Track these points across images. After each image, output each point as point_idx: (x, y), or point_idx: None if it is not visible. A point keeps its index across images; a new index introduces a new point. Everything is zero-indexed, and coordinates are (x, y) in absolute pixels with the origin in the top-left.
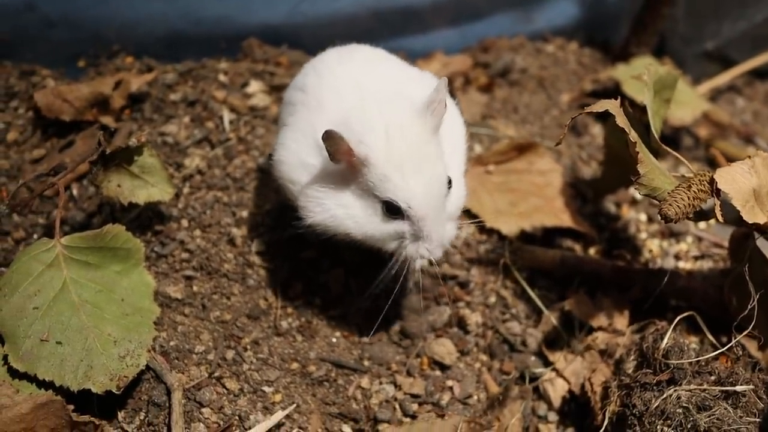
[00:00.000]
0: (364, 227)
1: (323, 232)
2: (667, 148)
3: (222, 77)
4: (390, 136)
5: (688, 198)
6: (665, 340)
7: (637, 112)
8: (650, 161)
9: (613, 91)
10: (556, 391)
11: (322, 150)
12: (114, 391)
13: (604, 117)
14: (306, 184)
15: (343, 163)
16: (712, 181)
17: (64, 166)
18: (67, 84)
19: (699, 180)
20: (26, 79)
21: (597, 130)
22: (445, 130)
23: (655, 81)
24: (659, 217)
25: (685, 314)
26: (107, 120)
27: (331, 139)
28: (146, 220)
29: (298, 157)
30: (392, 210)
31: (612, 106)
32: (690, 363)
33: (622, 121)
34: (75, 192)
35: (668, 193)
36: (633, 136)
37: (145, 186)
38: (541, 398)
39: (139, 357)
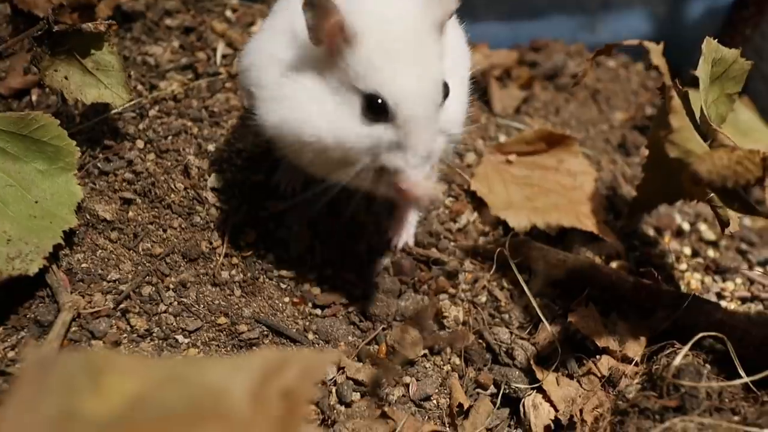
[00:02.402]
0: (337, 129)
1: (286, 138)
2: (719, 129)
3: (229, 13)
4: (387, 17)
5: (729, 161)
6: (678, 358)
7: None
8: (687, 119)
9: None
10: (539, 417)
11: (297, 38)
12: None
13: None
14: (272, 78)
15: (322, 45)
16: (766, 160)
17: (3, 39)
18: None
19: (749, 152)
20: None
21: None
22: (446, 41)
23: (715, 59)
24: (689, 180)
25: (712, 333)
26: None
27: (316, 7)
28: (98, 133)
29: (269, 54)
30: (375, 108)
31: (651, 45)
32: (708, 393)
33: (658, 60)
34: (34, 97)
35: (705, 151)
36: (669, 80)
37: (96, 85)
38: (520, 424)
39: (31, 263)
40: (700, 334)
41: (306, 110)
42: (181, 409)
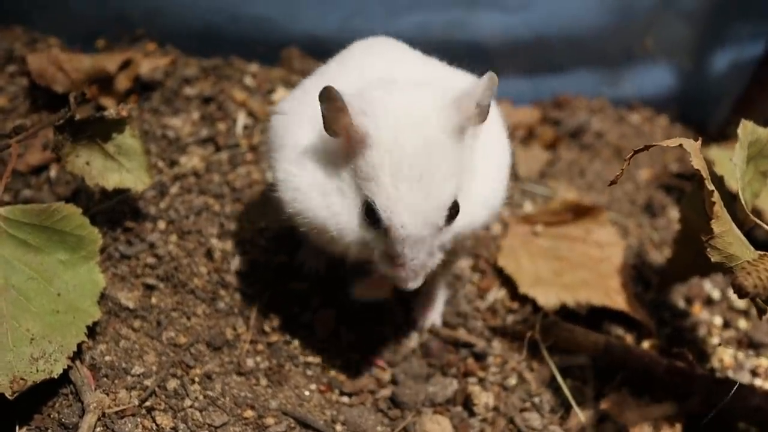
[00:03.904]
0: (339, 224)
1: (303, 226)
2: (758, 221)
3: (248, 80)
4: (400, 125)
5: None
6: None
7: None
8: (729, 222)
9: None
10: None
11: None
12: (7, 395)
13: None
14: (292, 164)
15: (339, 138)
16: None
17: (25, 127)
18: (68, 53)
19: None
20: (32, 47)
21: (676, 213)
22: (481, 142)
23: (750, 141)
24: (731, 290)
25: None
26: (107, 102)
27: (329, 100)
28: (119, 214)
29: (294, 139)
30: (370, 215)
31: (688, 143)
32: None
33: (698, 162)
34: (53, 174)
35: (747, 261)
36: (710, 185)
37: (118, 170)
38: None
39: (55, 363)
40: None
41: (315, 203)
42: None
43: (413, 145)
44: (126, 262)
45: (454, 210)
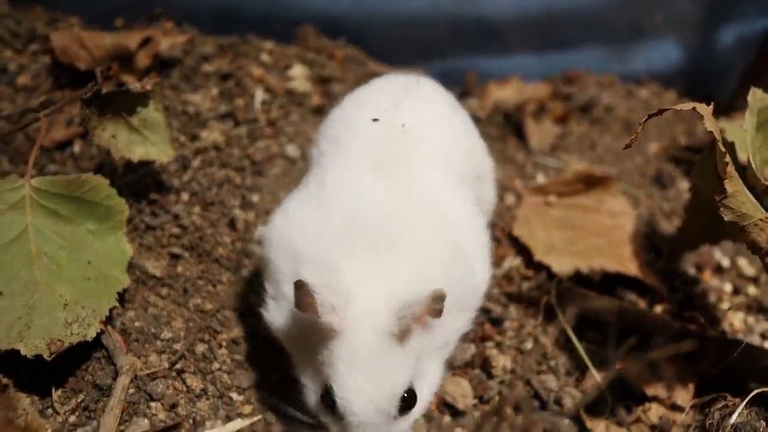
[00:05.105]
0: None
1: None
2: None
3: (265, 57)
4: (359, 321)
5: None
6: (734, 416)
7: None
8: (741, 183)
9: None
10: None
11: None
12: (45, 356)
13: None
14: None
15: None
16: None
17: (53, 101)
18: (90, 31)
19: None
20: (53, 26)
21: (685, 185)
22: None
23: (760, 108)
24: (740, 258)
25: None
26: (128, 79)
27: (301, 290)
28: (143, 186)
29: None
30: (328, 400)
31: (701, 107)
32: None
33: (711, 125)
34: (77, 149)
35: (760, 218)
36: (722, 146)
37: (143, 142)
38: None
39: (89, 327)
40: (755, 391)
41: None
42: None
43: (368, 339)
44: (151, 232)
45: (410, 399)
